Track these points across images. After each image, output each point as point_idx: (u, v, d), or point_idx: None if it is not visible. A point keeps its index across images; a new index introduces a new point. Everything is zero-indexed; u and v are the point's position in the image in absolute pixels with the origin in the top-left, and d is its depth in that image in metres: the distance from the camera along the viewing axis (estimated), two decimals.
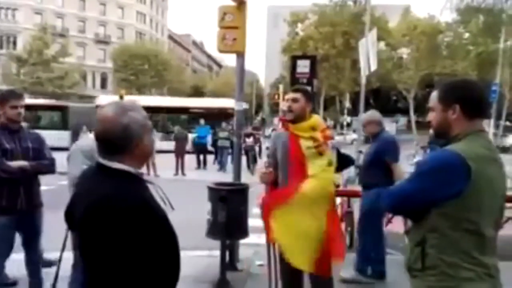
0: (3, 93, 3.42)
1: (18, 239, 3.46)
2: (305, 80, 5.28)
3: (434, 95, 1.85)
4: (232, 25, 4.79)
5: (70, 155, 3.43)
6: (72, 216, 1.65)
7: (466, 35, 30.08)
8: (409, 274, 1.86)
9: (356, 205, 5.73)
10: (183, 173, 13.66)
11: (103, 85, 53.40)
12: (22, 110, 3.36)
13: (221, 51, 5.03)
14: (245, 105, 4.92)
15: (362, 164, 4.43)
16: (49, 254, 4.18)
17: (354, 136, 26.22)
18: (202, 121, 16.81)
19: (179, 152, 13.85)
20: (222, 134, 14.79)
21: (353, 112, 40.66)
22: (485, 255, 1.72)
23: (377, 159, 4.07)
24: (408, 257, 1.84)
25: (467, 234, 1.69)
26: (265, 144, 16.18)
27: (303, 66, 5.26)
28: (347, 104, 43.08)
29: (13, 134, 3.31)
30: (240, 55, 4.90)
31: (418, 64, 36.32)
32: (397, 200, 1.84)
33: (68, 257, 4.39)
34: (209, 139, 15.93)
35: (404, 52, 40.25)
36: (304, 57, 8.28)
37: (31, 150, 3.36)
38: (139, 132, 1.50)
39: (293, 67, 5.36)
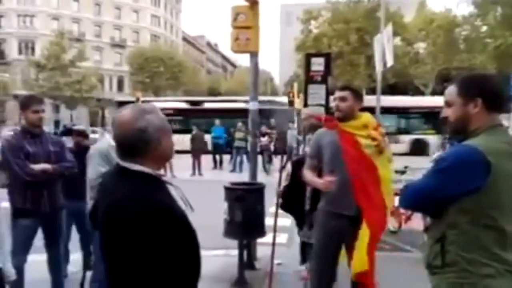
0: (24, 99, 3.51)
1: (39, 241, 3.55)
2: (319, 78, 5.26)
3: (452, 89, 1.82)
4: (245, 25, 4.81)
5: (88, 158, 3.49)
6: (95, 217, 1.69)
7: (484, 28, 29.40)
8: (429, 271, 1.84)
9: None
10: (200, 173, 13.77)
11: (120, 88, 54.06)
12: (44, 115, 3.45)
13: (235, 51, 5.06)
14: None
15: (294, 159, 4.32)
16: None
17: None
18: (217, 121, 16.87)
19: (196, 153, 14.00)
20: (238, 134, 14.81)
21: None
22: (505, 251, 1.69)
23: None
24: (428, 254, 1.83)
25: (487, 230, 1.67)
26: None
27: (318, 64, 5.24)
28: None
29: (35, 138, 3.40)
30: (254, 55, 4.91)
31: (435, 58, 35.68)
32: (416, 196, 1.82)
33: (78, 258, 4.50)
34: (224, 139, 16.02)
35: (420, 46, 39.62)
36: (318, 54, 8.23)
37: (53, 154, 3.44)
38: (157, 135, 1.51)
39: (308, 65, 5.34)
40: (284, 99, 23.31)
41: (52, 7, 49.01)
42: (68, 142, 4.26)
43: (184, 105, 23.60)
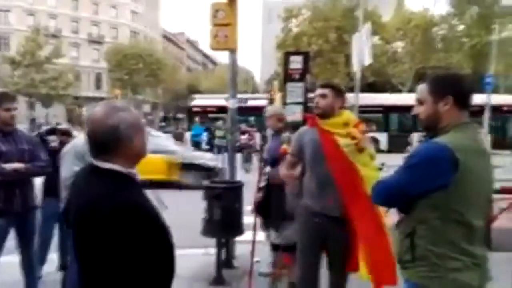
0: None
1: (12, 241, 3.47)
2: (298, 76, 5.29)
3: (424, 87, 1.87)
4: (224, 22, 4.80)
5: (62, 156, 3.41)
6: (69, 216, 1.66)
7: (461, 27, 30.10)
8: (400, 265, 1.88)
9: None
10: None
11: (98, 85, 53.23)
12: (16, 113, 3.37)
13: (213, 48, 5.04)
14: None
15: (265, 159, 4.19)
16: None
17: None
18: (197, 119, 16.80)
19: None
20: (218, 132, 14.74)
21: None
22: (473, 245, 1.74)
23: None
24: (398, 249, 1.87)
25: (455, 224, 1.72)
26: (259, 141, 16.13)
27: (296, 62, 5.27)
28: None
29: (8, 136, 3.31)
30: (232, 52, 4.90)
31: (413, 57, 36.34)
32: (387, 192, 1.86)
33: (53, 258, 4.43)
34: (204, 138, 15.95)
35: (398, 46, 40.25)
36: (297, 53, 8.28)
37: (27, 152, 3.36)
38: (129, 132, 1.50)
39: (286, 63, 5.37)
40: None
41: (28, 2, 47.91)
42: (53, 141, 4.20)
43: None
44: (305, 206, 2.95)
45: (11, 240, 3.44)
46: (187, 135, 15.85)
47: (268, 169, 3.92)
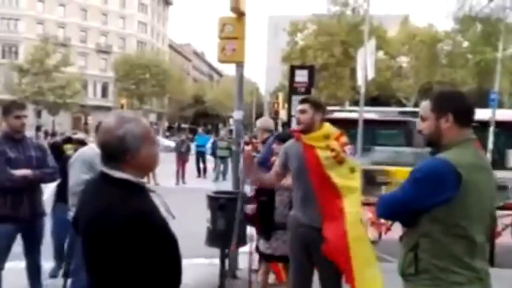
0: (6, 104, 3.49)
1: (19, 247, 3.51)
2: (303, 89, 5.36)
3: (426, 104, 1.91)
4: (232, 36, 4.88)
5: (70, 164, 3.47)
6: (78, 224, 1.70)
7: (465, 43, 30.23)
8: (403, 279, 1.91)
9: None
10: (183, 182, 13.74)
11: (104, 94, 53.65)
12: (25, 120, 3.44)
13: (221, 61, 5.12)
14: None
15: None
16: (48, 263, 4.24)
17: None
18: (200, 130, 16.82)
19: (180, 161, 13.95)
20: (221, 144, 14.68)
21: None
22: (475, 259, 1.77)
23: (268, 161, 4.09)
24: (402, 262, 1.89)
25: (458, 239, 1.75)
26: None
27: (301, 76, 5.35)
28: None
29: (17, 143, 3.38)
30: (240, 65, 4.98)
31: (417, 72, 36.47)
32: (391, 206, 1.90)
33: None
34: (208, 148, 15.94)
35: (403, 61, 40.42)
36: (302, 67, 8.38)
37: (34, 159, 3.42)
38: (136, 144, 1.54)
39: (292, 76, 5.45)
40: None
41: (37, 11, 48.54)
42: (69, 149, 4.33)
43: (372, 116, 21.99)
44: (293, 216, 3.06)
45: (18, 245, 3.49)
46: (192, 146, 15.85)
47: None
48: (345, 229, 2.81)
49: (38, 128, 40.08)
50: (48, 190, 5.05)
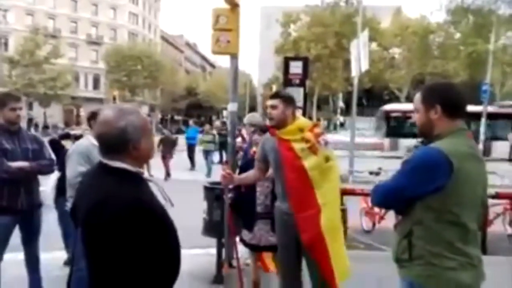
0: (1, 96, 3.49)
1: (17, 238, 3.53)
2: (297, 81, 5.38)
3: (418, 97, 1.97)
4: (226, 27, 4.87)
5: (67, 156, 3.49)
6: (76, 213, 1.73)
7: (457, 35, 30.36)
8: (398, 265, 1.97)
9: (349, 202, 5.87)
10: (168, 175, 13.04)
11: (96, 86, 53.22)
12: (21, 112, 3.44)
13: (215, 53, 5.11)
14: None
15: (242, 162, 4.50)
16: (47, 253, 4.26)
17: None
18: (191, 122, 16.72)
19: (165, 155, 13.43)
20: (206, 137, 14.50)
21: (346, 111, 40.90)
22: (468, 245, 1.83)
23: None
24: (396, 249, 1.96)
25: (450, 225, 1.81)
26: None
27: (296, 67, 5.37)
28: (341, 103, 43.30)
29: (13, 135, 3.38)
30: (234, 57, 4.99)
31: (410, 64, 36.64)
32: (385, 195, 1.95)
33: (60, 256, 4.51)
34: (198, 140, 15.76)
35: (396, 52, 40.56)
36: (296, 58, 8.41)
37: (31, 151, 3.43)
38: (137, 135, 1.58)
39: (286, 68, 5.47)
40: None
41: (27, 1, 47.86)
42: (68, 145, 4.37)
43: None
44: (278, 207, 3.15)
45: (16, 237, 3.51)
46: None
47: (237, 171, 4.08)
48: (319, 221, 2.91)
49: (30, 120, 39.77)
50: (50, 182, 5.08)
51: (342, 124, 42.81)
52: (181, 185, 10.76)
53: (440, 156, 1.76)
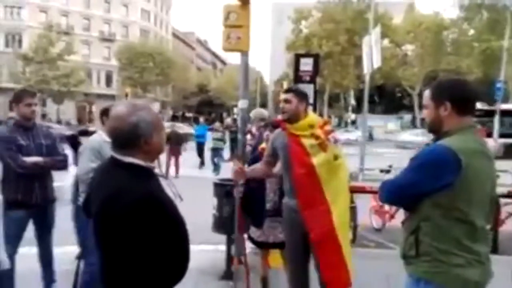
0: (17, 92, 3.56)
1: (31, 233, 3.60)
2: (308, 78, 5.38)
3: (427, 93, 1.97)
4: (237, 24, 4.87)
5: (79, 153, 3.54)
6: (89, 206, 1.78)
7: (471, 31, 29.95)
8: (405, 261, 1.97)
9: (359, 201, 5.86)
10: (177, 174, 12.72)
11: (108, 83, 53.67)
12: (36, 108, 3.51)
13: (225, 49, 5.11)
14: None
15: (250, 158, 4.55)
16: (59, 248, 4.34)
17: (358, 133, 26.23)
18: (201, 119, 16.74)
19: (174, 153, 13.05)
20: (215, 135, 14.37)
21: (358, 109, 40.65)
22: (475, 242, 1.83)
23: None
24: (403, 245, 1.96)
25: (458, 222, 1.80)
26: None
27: (306, 64, 5.36)
28: (352, 101, 43.02)
29: (27, 131, 3.45)
30: (244, 54, 4.99)
31: (423, 61, 36.25)
32: (393, 192, 1.96)
33: (73, 251, 4.57)
34: (208, 138, 15.66)
35: (408, 49, 40.15)
36: (307, 55, 8.38)
37: (45, 147, 3.49)
38: (148, 130, 1.61)
39: (296, 65, 5.47)
40: None
41: None
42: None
43: None
44: (286, 204, 3.15)
45: (30, 231, 3.58)
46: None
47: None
48: (330, 218, 2.92)
49: (43, 116, 40.29)
50: (69, 178, 5.16)
51: (353, 122, 42.53)
52: (191, 181, 10.83)
53: (448, 153, 1.76)
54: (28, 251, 3.76)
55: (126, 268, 1.57)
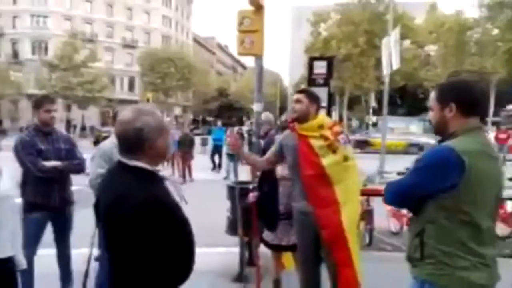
0: (37, 99, 3.70)
1: (50, 235, 3.71)
2: (321, 81, 5.39)
3: (433, 95, 1.96)
4: (251, 29, 4.93)
5: (92, 158, 3.61)
6: (98, 209, 1.84)
7: (495, 31, 29.24)
8: (410, 263, 1.96)
9: (375, 203, 5.79)
10: (188, 179, 12.54)
11: (131, 88, 54.61)
12: (55, 114, 3.63)
13: (240, 54, 5.18)
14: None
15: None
16: (77, 250, 4.45)
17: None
18: (219, 123, 16.65)
19: (185, 157, 12.64)
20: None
21: (379, 111, 40.08)
22: (481, 245, 1.80)
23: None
24: (409, 247, 1.95)
25: (463, 225, 1.79)
26: None
27: (320, 67, 5.38)
28: (373, 103, 42.47)
29: (47, 136, 3.57)
30: (259, 58, 5.04)
31: (446, 61, 35.56)
32: (397, 193, 1.95)
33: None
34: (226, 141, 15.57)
35: (431, 49, 39.47)
36: (321, 58, 8.39)
37: (63, 151, 3.61)
38: (153, 135, 1.66)
39: (310, 68, 5.48)
40: None
41: (65, 7, 49.62)
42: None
43: None
44: (296, 207, 3.15)
45: (49, 233, 3.69)
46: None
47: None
48: (340, 218, 2.93)
49: (68, 122, 41.33)
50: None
51: (374, 124, 41.99)
52: (205, 184, 10.90)
53: (452, 155, 1.75)
54: (47, 252, 3.88)
55: (132, 269, 1.62)
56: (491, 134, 18.59)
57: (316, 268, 3.16)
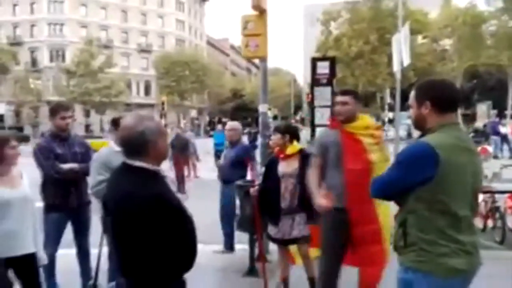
0: (52, 107, 3.95)
1: (70, 235, 3.95)
2: (324, 81, 5.53)
3: (412, 93, 2.10)
4: (255, 33, 5.11)
5: (91, 164, 3.70)
6: (107, 205, 2.04)
7: (511, 23, 28.68)
8: (396, 252, 2.10)
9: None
10: (182, 191, 10.22)
11: (147, 92, 55.35)
12: (70, 120, 3.87)
13: (245, 56, 5.38)
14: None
15: (223, 164, 5.23)
16: (95, 248, 4.67)
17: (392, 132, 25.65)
18: (219, 127, 16.05)
19: (177, 163, 10.78)
20: None
21: (395, 107, 39.47)
22: (459, 233, 1.93)
23: (237, 160, 4.92)
24: (394, 237, 2.09)
25: (441, 214, 1.92)
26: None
27: (323, 67, 5.51)
28: (388, 99, 42.08)
29: (63, 141, 3.82)
30: (263, 60, 5.22)
31: (461, 55, 35.01)
32: (381, 187, 2.10)
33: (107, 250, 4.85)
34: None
35: (446, 43, 38.89)
36: (323, 59, 8.49)
37: (79, 155, 3.85)
38: (154, 137, 1.85)
39: (313, 68, 5.63)
40: None
41: (81, 15, 50.58)
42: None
43: None
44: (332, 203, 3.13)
45: (69, 233, 3.92)
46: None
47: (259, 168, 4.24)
48: (377, 215, 3.06)
49: (87, 127, 42.15)
50: None
51: (390, 121, 41.61)
52: (211, 183, 10.88)
53: (427, 149, 1.88)
54: (68, 252, 4.11)
55: (139, 260, 1.81)
56: (508, 128, 18.31)
57: (340, 264, 3.22)
